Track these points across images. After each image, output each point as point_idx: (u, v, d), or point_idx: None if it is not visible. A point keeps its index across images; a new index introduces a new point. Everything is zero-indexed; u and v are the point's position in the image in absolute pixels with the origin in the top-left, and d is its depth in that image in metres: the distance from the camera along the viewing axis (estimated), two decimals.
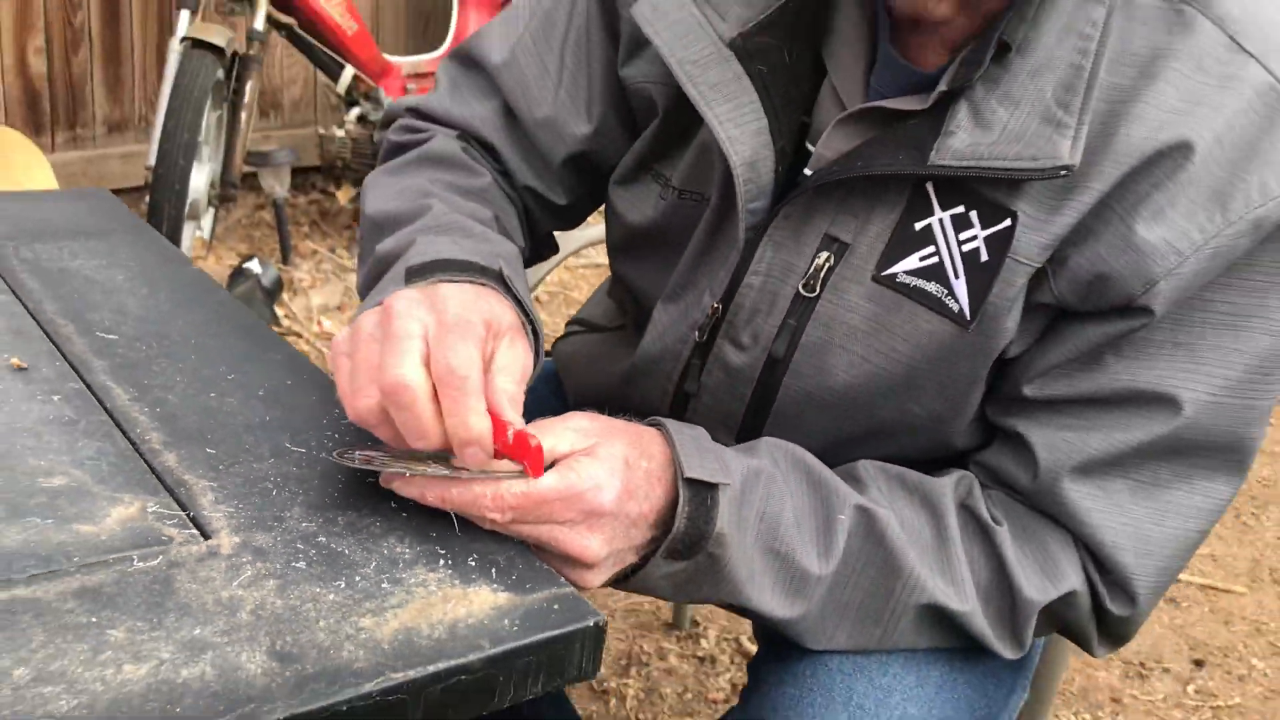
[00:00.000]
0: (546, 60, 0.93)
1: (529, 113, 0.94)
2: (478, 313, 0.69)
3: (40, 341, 0.85)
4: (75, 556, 0.61)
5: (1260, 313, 0.74)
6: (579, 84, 0.93)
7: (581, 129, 0.93)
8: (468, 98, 0.97)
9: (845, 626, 0.77)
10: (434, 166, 0.93)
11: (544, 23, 0.93)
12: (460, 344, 0.66)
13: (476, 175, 0.93)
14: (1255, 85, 0.72)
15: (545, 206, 0.98)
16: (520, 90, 0.94)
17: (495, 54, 0.95)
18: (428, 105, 0.99)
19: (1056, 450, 0.77)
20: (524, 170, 0.96)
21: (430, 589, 0.63)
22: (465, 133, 0.97)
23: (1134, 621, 0.80)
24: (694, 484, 0.71)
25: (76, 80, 3.18)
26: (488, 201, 0.91)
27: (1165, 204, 0.71)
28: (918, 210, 0.76)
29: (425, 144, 0.96)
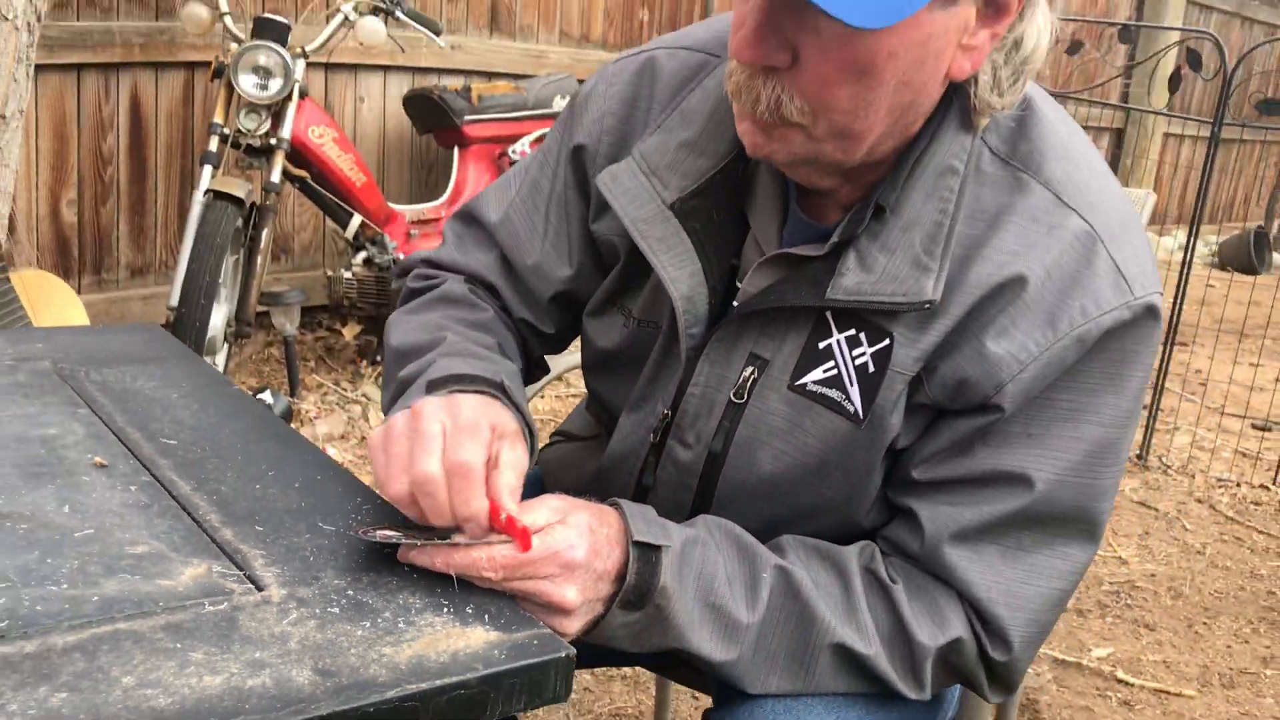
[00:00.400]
0: (534, 219, 1.14)
1: (521, 260, 1.14)
2: (486, 418, 0.88)
3: (115, 445, 1.03)
4: (160, 602, 0.79)
5: (1093, 407, 0.92)
6: (561, 237, 1.13)
7: (564, 272, 1.13)
8: (471, 249, 1.18)
9: (776, 671, 0.93)
10: (446, 305, 1.13)
11: (531, 188, 1.14)
12: (469, 443, 0.85)
13: (482, 310, 1.13)
14: (1075, 231, 0.92)
15: (536, 334, 1.18)
16: (514, 242, 1.15)
17: (493, 213, 1.16)
18: (438, 256, 1.19)
19: (938, 521, 0.95)
20: (519, 306, 1.16)
21: (436, 628, 0.80)
22: (471, 277, 1.17)
23: (1014, 667, 0.96)
24: (642, 546, 0.88)
25: (104, 229, 3.43)
26: (491, 331, 1.10)
27: (1008, 324, 0.91)
28: (820, 333, 0.96)
29: (438, 287, 1.16)
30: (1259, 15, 8.75)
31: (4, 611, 0.75)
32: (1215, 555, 3.08)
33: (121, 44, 3.29)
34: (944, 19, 0.84)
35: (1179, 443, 3.92)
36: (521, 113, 3.84)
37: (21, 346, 1.26)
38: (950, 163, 0.93)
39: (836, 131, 0.88)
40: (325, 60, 3.62)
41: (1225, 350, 5.02)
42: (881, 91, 0.86)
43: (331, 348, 3.81)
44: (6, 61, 2.38)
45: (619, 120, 1.07)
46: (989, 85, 0.91)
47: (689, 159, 1.02)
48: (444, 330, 1.06)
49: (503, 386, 0.96)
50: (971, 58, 0.88)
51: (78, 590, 0.78)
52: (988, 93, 0.91)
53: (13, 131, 2.48)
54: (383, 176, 4.06)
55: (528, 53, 4.37)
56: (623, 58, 1.11)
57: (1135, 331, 0.92)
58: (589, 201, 1.11)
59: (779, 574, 0.93)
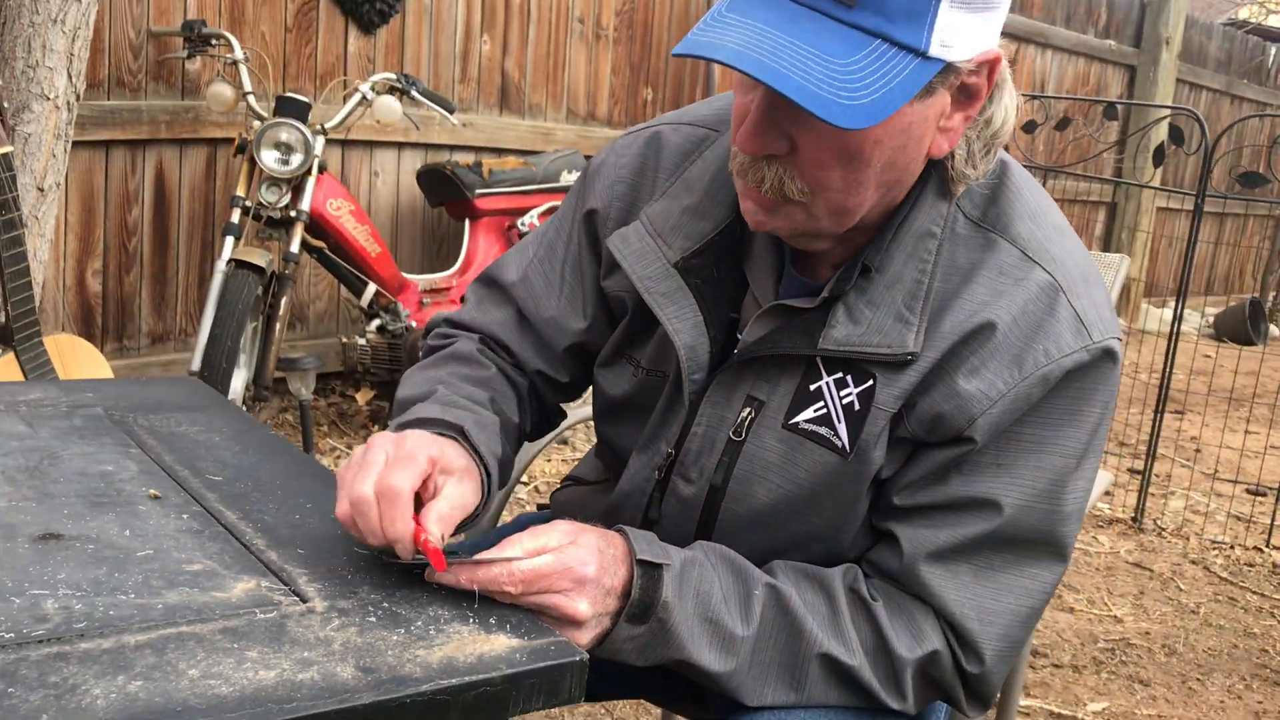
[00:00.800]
0: (550, 277, 1.25)
1: (538, 313, 1.25)
2: (426, 451, 0.98)
3: (166, 480, 1.13)
4: (217, 610, 0.88)
5: (1055, 440, 1.02)
6: (576, 293, 1.24)
7: (579, 325, 1.24)
8: (488, 308, 1.29)
9: (771, 682, 1.02)
10: (451, 362, 1.23)
11: (548, 250, 1.26)
12: (401, 471, 0.95)
13: (484, 368, 1.23)
14: (1039, 283, 1.03)
15: (551, 384, 1.28)
16: (531, 299, 1.26)
17: (511, 274, 1.27)
18: (458, 316, 1.31)
19: (915, 542, 1.04)
20: (534, 358, 1.26)
21: (464, 635, 0.89)
22: (485, 336, 1.28)
23: (987, 680, 1.05)
24: (645, 564, 0.97)
25: (127, 297, 3.55)
26: (488, 386, 1.20)
27: (979, 365, 1.01)
28: (811, 376, 1.06)
29: (450, 346, 1.27)
30: (1247, 93, 8.98)
31: (81, 615, 0.84)
32: (1209, 614, 3.14)
33: (149, 122, 3.45)
34: (922, 109, 0.96)
35: (1173, 506, 3.99)
36: (530, 186, 3.99)
37: (74, 395, 1.36)
38: (929, 227, 1.04)
39: (832, 208, 0.99)
40: (343, 137, 3.78)
41: (1219, 417, 5.11)
42: (870, 173, 0.97)
43: (344, 413, 3.91)
44: (47, 138, 2.52)
45: (628, 187, 1.19)
46: (964, 158, 1.03)
47: (691, 222, 1.13)
48: (438, 385, 1.16)
49: (461, 429, 1.06)
50: (948, 138, 1.00)
51: (144, 599, 0.88)
52: (963, 164, 1.03)
53: (49, 203, 2.61)
54: (396, 247, 4.20)
55: (536, 130, 4.54)
56: (631, 132, 1.23)
57: (1093, 372, 1.02)
58: (600, 261, 1.22)
59: (769, 591, 1.02)
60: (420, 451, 0.98)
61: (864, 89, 0.89)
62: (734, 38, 0.90)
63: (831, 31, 0.90)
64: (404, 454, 0.97)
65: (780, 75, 0.88)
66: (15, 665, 0.77)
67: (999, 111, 1.03)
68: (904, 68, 0.90)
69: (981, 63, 0.96)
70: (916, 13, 0.90)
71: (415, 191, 4.17)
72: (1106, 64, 7.56)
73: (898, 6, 0.90)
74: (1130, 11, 7.67)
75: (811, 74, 0.88)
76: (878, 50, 0.90)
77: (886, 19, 0.90)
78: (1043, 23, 6.94)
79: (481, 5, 4.29)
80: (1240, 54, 8.97)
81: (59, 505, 1.03)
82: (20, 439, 1.19)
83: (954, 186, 1.04)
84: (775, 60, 0.89)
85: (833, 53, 0.89)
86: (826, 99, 0.88)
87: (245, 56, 3.28)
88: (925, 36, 0.91)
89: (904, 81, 0.90)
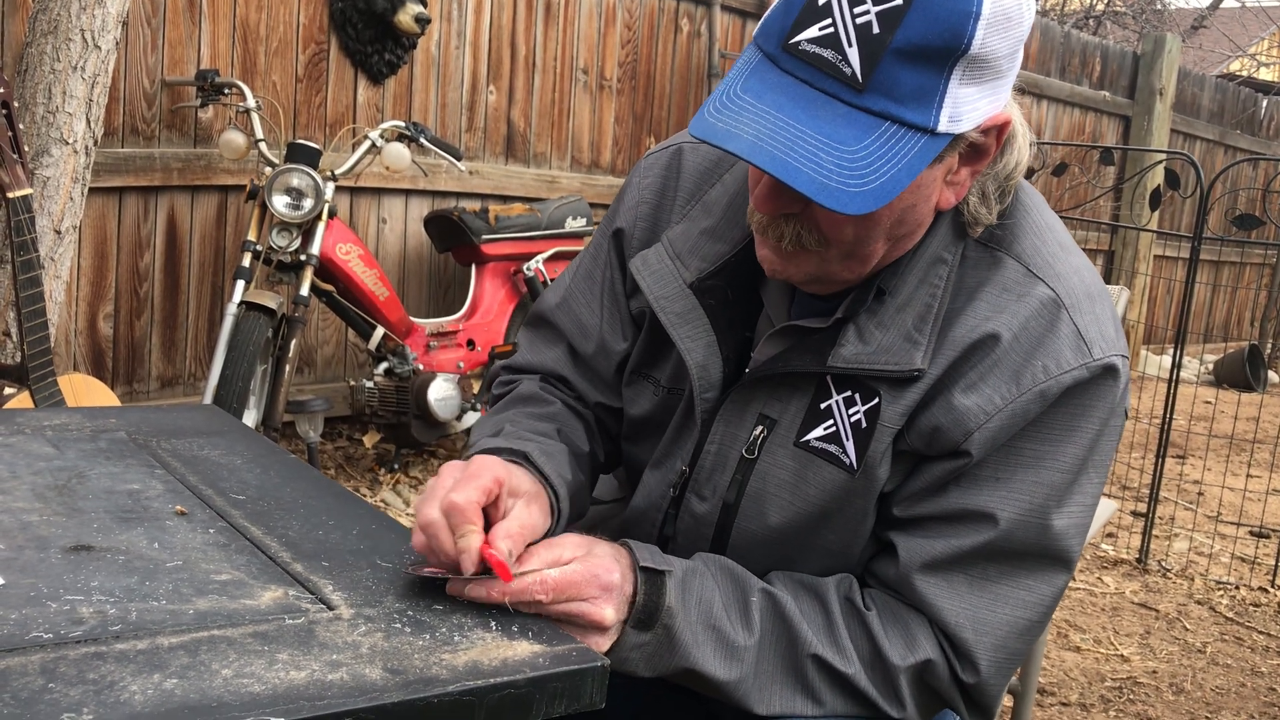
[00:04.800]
0: (591, 304, 1.28)
1: (584, 348, 1.27)
2: (491, 472, 1.00)
3: (191, 498, 1.15)
4: (246, 616, 0.90)
5: (1053, 455, 1.04)
6: (614, 316, 1.27)
7: (621, 346, 1.26)
8: (541, 348, 1.32)
9: (775, 690, 1.03)
10: (518, 404, 1.26)
11: (586, 277, 1.29)
12: (465, 488, 0.97)
13: (549, 404, 1.25)
14: (1041, 298, 1.05)
15: (612, 413, 1.29)
16: (576, 328, 1.28)
17: (553, 300, 1.31)
18: (514, 362, 1.34)
19: (911, 552, 1.06)
20: (591, 391, 1.29)
21: (487, 641, 0.91)
22: (544, 374, 1.31)
23: (985, 690, 1.06)
24: (647, 570, 1.00)
25: (137, 341, 3.59)
26: (554, 420, 1.22)
27: (977, 379, 1.03)
28: (822, 395, 1.08)
29: (514, 390, 1.29)
30: (1240, 143, 9.10)
31: (116, 619, 0.86)
32: (1216, 654, 3.14)
33: (162, 169, 3.50)
34: (929, 173, 0.99)
35: (1178, 548, 3.99)
36: (535, 233, 4.05)
37: (98, 421, 1.39)
38: (941, 254, 1.07)
39: (844, 257, 1.03)
40: (352, 184, 3.84)
41: (1220, 461, 5.12)
42: (881, 228, 1.01)
43: (351, 456, 3.93)
44: (65, 181, 2.57)
45: (651, 208, 1.23)
46: (978, 201, 1.07)
47: (708, 244, 1.16)
48: (505, 423, 1.19)
49: (525, 455, 1.08)
50: (956, 191, 1.03)
51: (175, 605, 0.90)
52: (978, 205, 1.07)
53: (66, 246, 2.66)
54: (403, 292, 4.24)
55: (541, 178, 4.61)
56: (655, 151, 1.27)
57: (1093, 388, 1.04)
58: (627, 278, 1.25)
59: (765, 597, 1.04)
60: (486, 471, 1.00)
61: (873, 173, 0.91)
62: (749, 127, 0.92)
63: (843, 118, 0.92)
64: (469, 474, 0.99)
65: (793, 171, 0.90)
66: (55, 663, 0.79)
67: (1012, 156, 1.06)
68: (913, 146, 0.93)
69: (990, 127, 0.98)
70: (926, 92, 0.92)
71: (422, 237, 4.23)
72: (1102, 114, 7.67)
73: (907, 89, 0.91)
74: (1124, 63, 7.79)
75: (823, 165, 0.91)
76: (887, 132, 0.92)
77: (896, 101, 0.92)
78: (1037, 74, 7.05)
79: (488, 56, 4.38)
80: (1233, 105, 9.10)
81: (88, 520, 1.06)
82: (48, 460, 1.21)
83: (972, 230, 1.07)
84: (788, 154, 0.91)
85: (843, 140, 0.92)
86: (836, 189, 0.90)
87: (257, 105, 3.35)
88: (934, 115, 0.92)
89: (912, 160, 0.92)
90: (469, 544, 0.94)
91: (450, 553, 0.95)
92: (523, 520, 1.00)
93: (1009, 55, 0.95)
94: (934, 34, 0.90)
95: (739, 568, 1.07)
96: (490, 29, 4.37)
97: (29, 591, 0.89)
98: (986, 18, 0.90)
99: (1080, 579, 3.61)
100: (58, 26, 2.53)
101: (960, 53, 0.91)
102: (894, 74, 0.91)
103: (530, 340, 1.33)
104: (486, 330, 3.97)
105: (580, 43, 4.67)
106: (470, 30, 4.30)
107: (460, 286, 4.33)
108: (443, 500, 0.96)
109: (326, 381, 4.05)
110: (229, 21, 3.61)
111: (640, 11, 4.84)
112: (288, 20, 3.77)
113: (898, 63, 0.90)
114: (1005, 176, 1.06)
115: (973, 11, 0.90)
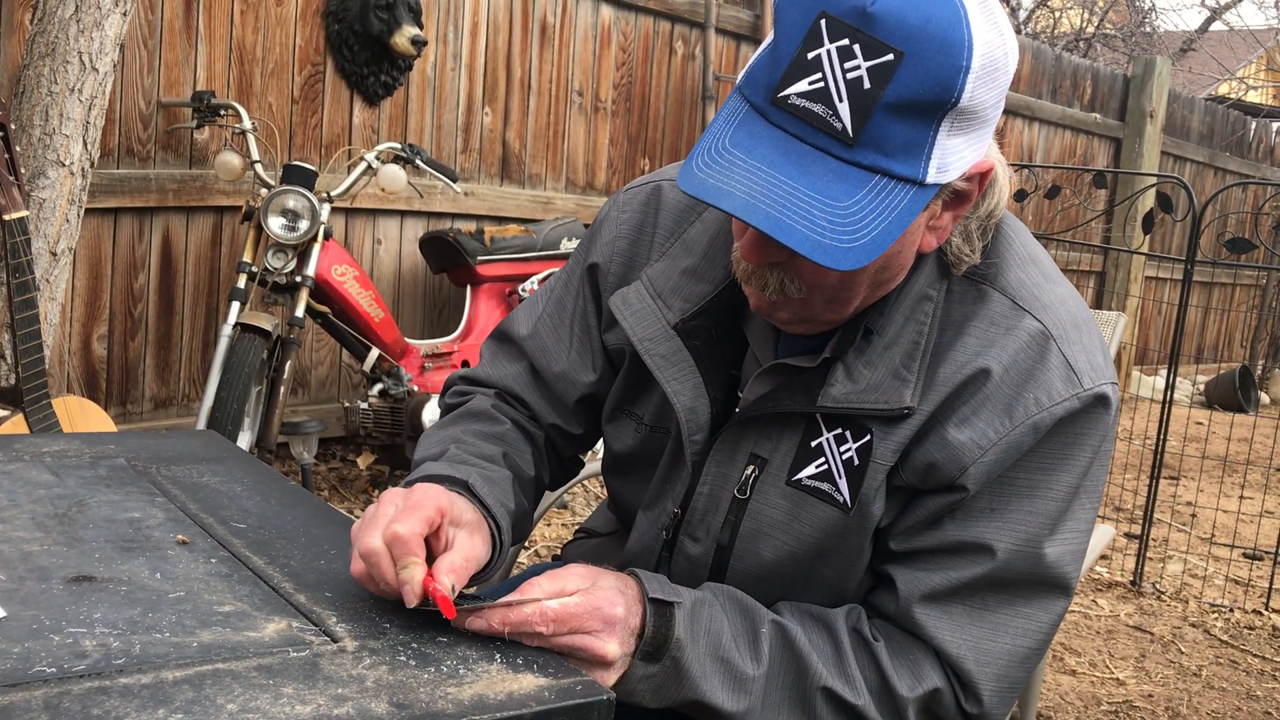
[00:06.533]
0: (560, 331, 1.28)
1: (549, 368, 1.27)
2: (434, 502, 1.00)
3: (193, 527, 1.15)
4: (251, 649, 0.89)
5: (1048, 484, 1.04)
6: (584, 346, 1.27)
7: (588, 377, 1.26)
8: (502, 363, 1.31)
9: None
10: (467, 419, 1.26)
11: (557, 305, 1.29)
12: (408, 519, 0.96)
13: (499, 424, 1.25)
14: (1030, 331, 1.05)
15: (566, 437, 1.30)
16: (542, 352, 1.28)
17: (522, 328, 1.30)
18: (473, 374, 1.33)
19: (910, 585, 1.06)
20: (548, 412, 1.29)
21: (492, 674, 0.91)
22: (500, 391, 1.30)
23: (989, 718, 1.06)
24: (656, 602, 0.99)
25: (131, 363, 3.58)
26: (502, 441, 1.22)
27: (970, 414, 1.03)
28: (812, 433, 1.08)
29: (466, 404, 1.29)
30: (1230, 165, 9.16)
31: (119, 652, 0.86)
32: (1211, 677, 3.13)
33: (157, 190, 3.50)
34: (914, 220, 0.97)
35: (1171, 570, 4.00)
36: (531, 254, 4.05)
37: (97, 447, 1.38)
38: (927, 291, 1.07)
39: (828, 300, 1.03)
40: (348, 205, 3.84)
41: (1213, 483, 5.14)
42: (865, 275, 1.02)
43: (345, 478, 3.92)
44: (62, 203, 2.57)
45: (629, 244, 1.22)
46: (962, 242, 1.07)
47: (690, 284, 1.16)
48: (451, 443, 1.18)
49: (466, 484, 1.08)
50: (937, 235, 1.04)
51: (179, 638, 0.89)
52: (961, 246, 1.07)
53: (61, 268, 2.65)
54: (399, 313, 4.24)
55: (536, 199, 4.62)
56: (632, 187, 1.27)
57: (1085, 418, 1.04)
58: (602, 314, 1.25)
59: (775, 628, 1.04)
60: (428, 501, 1.00)
61: (864, 228, 0.91)
62: (740, 184, 0.91)
63: (834, 173, 0.92)
64: (411, 504, 0.99)
65: (787, 229, 0.90)
66: (58, 699, 0.78)
67: (994, 198, 1.06)
68: (902, 198, 0.92)
69: (974, 174, 0.99)
70: (915, 145, 0.92)
71: (418, 258, 4.23)
72: (1093, 136, 7.72)
73: (897, 143, 0.91)
74: (1114, 85, 7.85)
75: (816, 222, 0.90)
76: (877, 186, 0.92)
77: (886, 155, 0.91)
78: (1028, 96, 7.09)
79: (483, 78, 4.39)
80: (1222, 127, 9.16)
81: (90, 550, 1.05)
82: (47, 487, 1.21)
83: (956, 269, 1.08)
84: (782, 212, 0.90)
85: (835, 196, 0.91)
86: (830, 246, 0.90)
87: (253, 126, 3.35)
88: (923, 166, 0.92)
89: (901, 212, 0.92)
90: (411, 575, 0.94)
91: (392, 583, 0.95)
92: (466, 553, 1.00)
93: (994, 104, 0.95)
94: (925, 89, 0.89)
95: (748, 598, 1.06)
96: (486, 51, 4.38)
97: (31, 624, 0.89)
98: (976, 71, 0.90)
99: (1075, 602, 3.61)
100: (55, 49, 2.53)
101: (950, 106, 0.91)
102: (885, 128, 0.90)
103: (492, 354, 1.32)
104: None
105: (575, 65, 4.68)
106: (466, 52, 4.31)
107: (455, 308, 4.33)
108: (385, 530, 0.96)
109: (321, 403, 4.04)
110: (225, 43, 3.62)
111: (635, 34, 4.87)
112: (284, 42, 3.78)
113: (888, 117, 0.90)
114: (987, 215, 1.07)
115: (963, 65, 0.90)
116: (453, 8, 4.24)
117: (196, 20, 3.54)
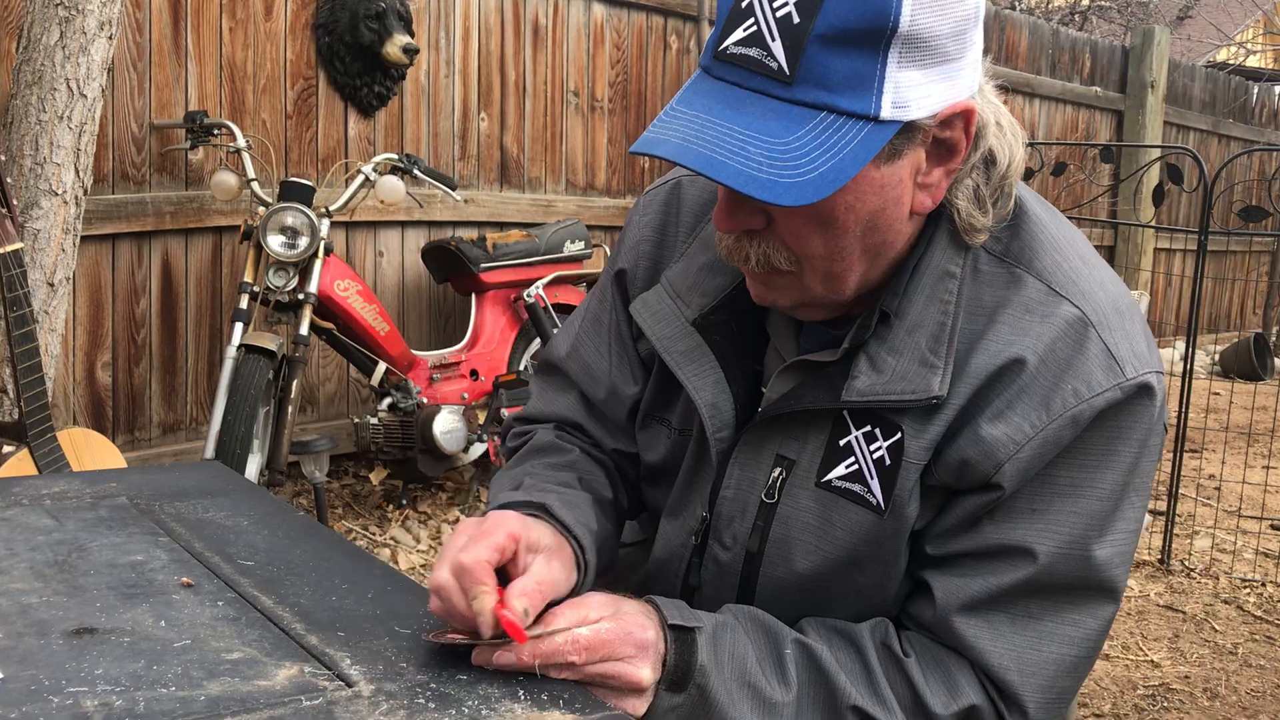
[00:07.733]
0: (600, 348, 1.23)
1: (596, 393, 1.23)
2: (505, 529, 0.95)
3: (198, 567, 1.10)
4: (261, 699, 0.85)
5: (1091, 482, 0.99)
6: (624, 359, 1.22)
7: (632, 390, 1.21)
8: (552, 396, 1.27)
9: None
10: (535, 455, 1.21)
11: (593, 322, 1.25)
12: (475, 547, 0.92)
13: (567, 453, 1.21)
14: (1067, 318, 0.99)
15: (629, 459, 1.24)
16: (585, 374, 1.23)
17: (562, 349, 1.26)
18: (528, 412, 1.29)
19: (948, 592, 1.00)
20: (607, 438, 1.24)
21: (517, 713, 0.86)
22: (559, 423, 1.26)
23: None
24: (676, 629, 0.95)
25: (137, 389, 3.55)
26: (573, 468, 1.17)
27: (1004, 407, 0.97)
28: (840, 431, 1.03)
29: (530, 442, 1.25)
30: (1234, 132, 9.07)
31: (122, 711, 0.81)
32: (1248, 655, 3.08)
33: (154, 213, 3.46)
34: (892, 170, 0.94)
35: (1200, 546, 3.94)
36: (534, 258, 4.00)
37: (98, 486, 1.34)
38: (947, 267, 1.01)
39: (821, 274, 0.98)
40: (347, 219, 3.80)
41: (1236, 455, 5.07)
42: (850, 238, 0.96)
43: (358, 494, 3.88)
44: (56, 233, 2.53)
45: (653, 245, 1.18)
46: (970, 205, 1.00)
47: (708, 279, 1.12)
48: (523, 477, 1.14)
49: (545, 506, 1.03)
50: (930, 194, 0.98)
51: (185, 691, 0.85)
52: (973, 210, 1.00)
53: (59, 298, 2.62)
54: (404, 325, 4.20)
55: (537, 203, 4.57)
56: (653, 187, 1.23)
57: (1129, 410, 0.98)
58: (633, 322, 1.20)
59: (799, 648, 0.99)
60: (499, 529, 0.95)
61: (809, 164, 0.88)
62: (678, 131, 0.91)
63: (774, 112, 0.89)
64: (481, 532, 0.95)
65: (717, 164, 0.88)
66: None
67: (1000, 149, 1.00)
68: (855, 135, 0.89)
69: (950, 116, 0.93)
70: (861, 79, 0.88)
71: (420, 269, 4.19)
72: (1094, 110, 7.64)
73: (840, 76, 0.88)
74: (1114, 57, 7.77)
75: (751, 158, 0.88)
76: (823, 122, 0.89)
77: (829, 91, 0.88)
78: (1028, 72, 7.02)
79: (478, 83, 4.34)
80: (1224, 94, 9.07)
81: (91, 599, 1.01)
82: (47, 533, 1.17)
83: (970, 237, 1.02)
84: (714, 150, 0.88)
85: (774, 133, 0.89)
86: (765, 180, 0.87)
87: (247, 144, 3.31)
88: (875, 101, 0.89)
89: (856, 148, 0.89)
90: (482, 606, 0.90)
91: (465, 615, 0.91)
92: (540, 577, 0.95)
93: (952, 35, 0.90)
94: (856, 16, 0.86)
95: (769, 617, 1.02)
96: (479, 55, 4.34)
97: (29, 685, 0.84)
98: None
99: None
100: (42, 77, 2.49)
101: (889, 32, 0.87)
102: (822, 62, 0.87)
103: (541, 388, 1.29)
104: (489, 359, 3.92)
105: (570, 64, 4.64)
106: (459, 58, 4.27)
107: (461, 317, 4.28)
108: (452, 562, 0.92)
109: (330, 420, 4.00)
110: (215, 62, 3.58)
111: (628, 31, 4.82)
112: (274, 57, 3.74)
113: (824, 50, 0.87)
114: (1000, 175, 1.01)
115: None
116: (442, 13, 4.19)
117: (185, 40, 3.50)
